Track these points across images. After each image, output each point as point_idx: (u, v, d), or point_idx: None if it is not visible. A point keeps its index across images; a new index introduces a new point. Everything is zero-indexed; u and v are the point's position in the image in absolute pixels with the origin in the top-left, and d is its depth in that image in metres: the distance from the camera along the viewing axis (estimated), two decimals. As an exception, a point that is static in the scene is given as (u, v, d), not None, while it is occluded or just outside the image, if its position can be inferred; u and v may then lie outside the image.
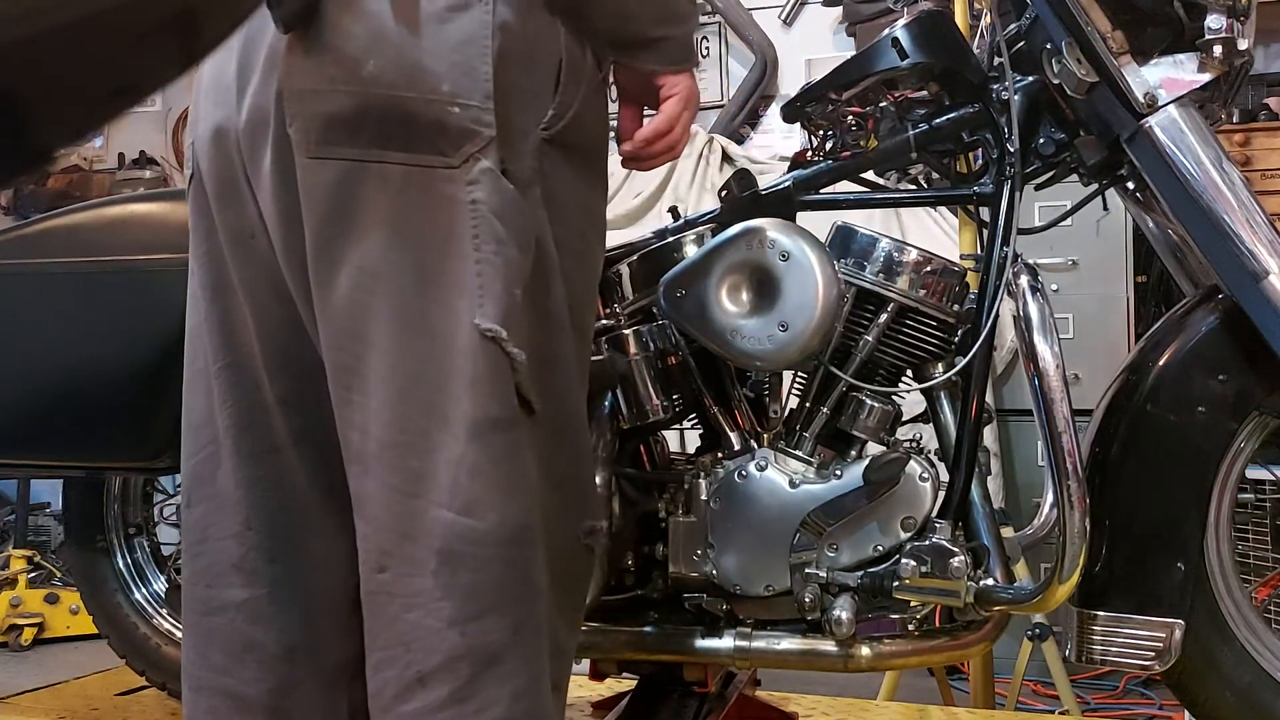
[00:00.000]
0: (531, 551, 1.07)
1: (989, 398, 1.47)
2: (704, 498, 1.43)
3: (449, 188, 1.04)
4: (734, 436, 1.45)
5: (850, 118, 1.48)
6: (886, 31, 1.43)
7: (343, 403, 1.08)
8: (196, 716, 1.20)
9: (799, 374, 1.48)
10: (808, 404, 1.45)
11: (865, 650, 1.39)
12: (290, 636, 1.19)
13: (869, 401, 1.42)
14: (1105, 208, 1.54)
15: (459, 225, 1.04)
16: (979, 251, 1.45)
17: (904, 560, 1.34)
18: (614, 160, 1.28)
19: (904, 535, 1.37)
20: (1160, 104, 1.34)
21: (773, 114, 4.32)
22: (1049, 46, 1.37)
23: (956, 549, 1.34)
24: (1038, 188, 1.53)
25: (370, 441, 1.06)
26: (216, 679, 1.19)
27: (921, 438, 1.46)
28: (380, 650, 1.06)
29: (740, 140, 4.27)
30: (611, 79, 1.26)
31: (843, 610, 1.34)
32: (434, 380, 1.04)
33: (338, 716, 1.20)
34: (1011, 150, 1.40)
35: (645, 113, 1.29)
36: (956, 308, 1.43)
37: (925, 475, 1.37)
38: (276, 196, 1.10)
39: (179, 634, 1.90)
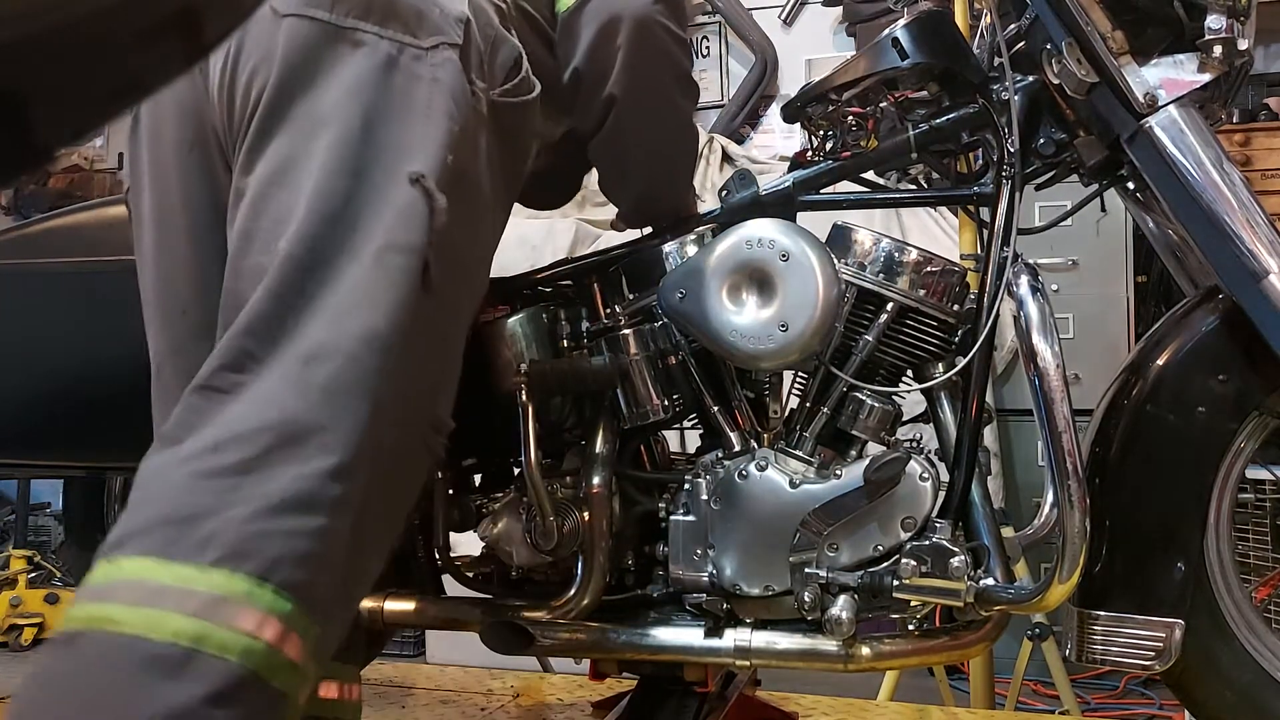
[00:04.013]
0: (379, 368, 1.03)
1: (989, 398, 1.46)
2: (704, 498, 1.43)
3: (415, 65, 1.13)
4: (734, 436, 1.45)
5: (850, 118, 1.48)
6: (886, 31, 1.43)
7: (257, 213, 1.10)
8: None
9: (799, 374, 1.48)
10: (808, 404, 1.45)
11: (865, 650, 1.39)
12: None
13: (869, 401, 1.42)
14: (1104, 208, 1.54)
15: (416, 94, 1.12)
16: (979, 251, 1.45)
17: (904, 560, 1.34)
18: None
19: (904, 535, 1.37)
20: (1160, 104, 1.34)
21: (773, 114, 4.33)
22: (1049, 46, 1.37)
23: (956, 549, 1.34)
24: (1038, 188, 1.53)
25: (275, 253, 1.06)
26: None
27: (921, 438, 1.46)
28: (196, 437, 0.99)
29: (740, 140, 4.28)
30: None
31: (843, 610, 1.34)
32: (353, 217, 1.07)
33: None
34: (1011, 150, 1.40)
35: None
36: (956, 308, 1.43)
37: (925, 475, 1.37)
38: (226, 65, 1.14)
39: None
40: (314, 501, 0.96)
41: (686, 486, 1.45)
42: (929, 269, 1.42)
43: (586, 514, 1.43)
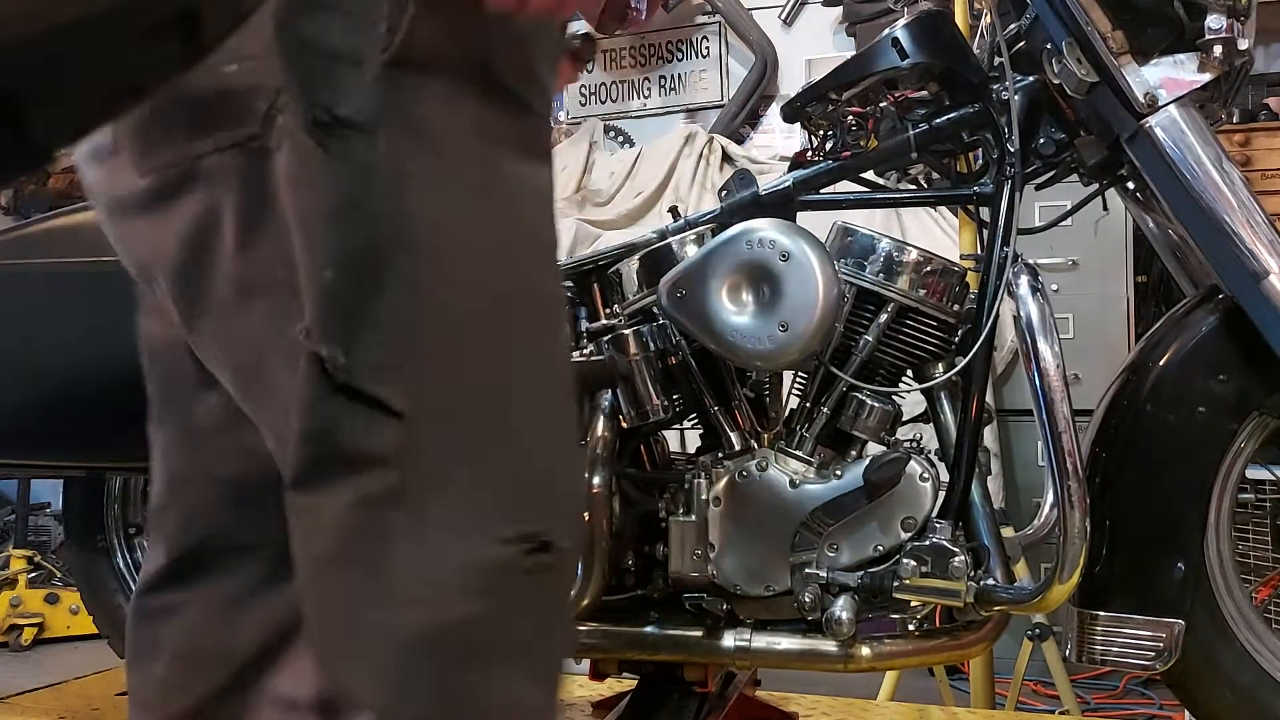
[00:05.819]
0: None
1: (989, 398, 1.47)
2: (704, 498, 1.43)
3: (267, 164, 0.83)
4: (734, 436, 1.45)
5: (850, 118, 1.48)
6: (886, 31, 1.43)
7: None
8: None
9: (799, 374, 1.48)
10: (808, 404, 1.45)
11: (865, 650, 1.39)
12: None
13: (869, 401, 1.42)
14: (1105, 208, 1.54)
15: (278, 215, 0.83)
16: (979, 251, 1.45)
17: (904, 560, 1.34)
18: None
19: (904, 535, 1.37)
20: (1160, 104, 1.34)
21: (773, 114, 4.33)
22: (1049, 46, 1.37)
23: (956, 549, 1.34)
24: (1038, 188, 1.53)
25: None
26: None
27: (921, 438, 1.46)
28: None
29: (740, 140, 4.27)
30: None
31: (843, 610, 1.34)
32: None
33: None
34: (1011, 150, 1.40)
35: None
36: (956, 308, 1.44)
37: (925, 475, 1.37)
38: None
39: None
40: None
41: (686, 486, 1.45)
42: (929, 269, 1.42)
43: (586, 514, 1.43)
